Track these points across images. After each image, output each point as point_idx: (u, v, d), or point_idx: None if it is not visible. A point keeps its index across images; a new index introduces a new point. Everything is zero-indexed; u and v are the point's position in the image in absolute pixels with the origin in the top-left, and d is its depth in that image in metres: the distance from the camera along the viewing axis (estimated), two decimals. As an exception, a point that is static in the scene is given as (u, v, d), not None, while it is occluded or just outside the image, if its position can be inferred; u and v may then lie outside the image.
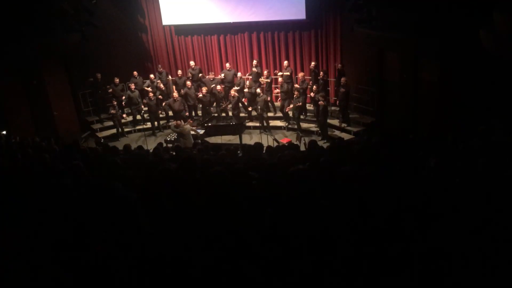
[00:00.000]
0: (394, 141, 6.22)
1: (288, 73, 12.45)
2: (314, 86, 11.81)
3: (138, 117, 13.24)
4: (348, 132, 11.62)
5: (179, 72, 13.54)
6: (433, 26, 8.68)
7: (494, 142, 4.63)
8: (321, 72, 12.26)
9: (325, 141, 11.12)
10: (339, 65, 12.36)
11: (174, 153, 7.98)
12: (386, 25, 9.91)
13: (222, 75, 13.31)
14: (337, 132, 11.76)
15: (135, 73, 13.42)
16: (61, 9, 10.77)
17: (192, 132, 11.00)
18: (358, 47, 11.79)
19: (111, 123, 13.07)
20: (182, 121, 10.98)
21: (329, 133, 11.63)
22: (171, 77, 13.93)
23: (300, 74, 12.45)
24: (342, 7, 11.92)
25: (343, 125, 11.88)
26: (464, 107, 8.85)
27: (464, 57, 8.45)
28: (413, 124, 10.32)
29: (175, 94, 12.50)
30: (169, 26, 14.14)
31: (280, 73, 12.61)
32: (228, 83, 13.01)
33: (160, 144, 9.98)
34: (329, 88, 12.67)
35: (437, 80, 9.63)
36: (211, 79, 13.02)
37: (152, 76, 13.41)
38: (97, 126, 13.26)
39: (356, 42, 11.65)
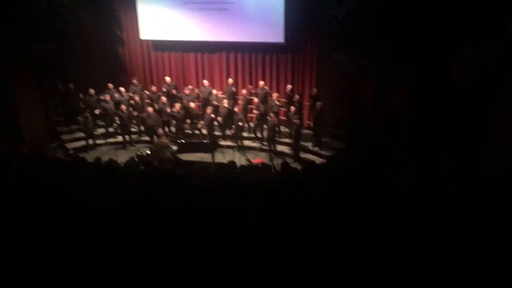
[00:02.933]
0: (364, 166, 6.30)
1: (264, 93, 12.57)
2: (292, 108, 11.94)
3: (111, 129, 13.02)
4: (320, 156, 11.73)
5: (153, 87, 13.47)
6: (405, 56, 8.97)
7: (461, 172, 4.76)
8: (296, 95, 12.43)
9: (297, 163, 11.18)
10: (314, 89, 12.55)
11: (144, 168, 7.86)
12: (361, 53, 10.17)
13: (196, 90, 13.31)
14: (309, 155, 11.85)
15: (110, 85, 13.26)
16: (35, 15, 10.56)
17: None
18: (333, 73, 12.03)
19: (81, 134, 12.79)
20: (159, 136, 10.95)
21: (301, 156, 11.72)
22: (146, 91, 13.82)
23: (275, 95, 12.56)
24: (320, 33, 12.17)
25: (316, 148, 12.00)
26: (432, 136, 9.11)
27: (434, 87, 8.74)
28: (383, 151, 10.52)
29: (150, 109, 12.41)
30: (147, 40, 14.09)
31: (254, 98, 12.73)
32: (204, 101, 13.01)
33: (131, 158, 9.81)
34: (303, 112, 12.82)
35: (407, 109, 9.90)
36: (187, 94, 12.99)
37: (122, 89, 13.27)
38: (67, 136, 12.95)
39: (332, 68, 11.89)
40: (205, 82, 13.39)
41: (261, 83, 12.94)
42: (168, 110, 12.66)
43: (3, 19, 9.96)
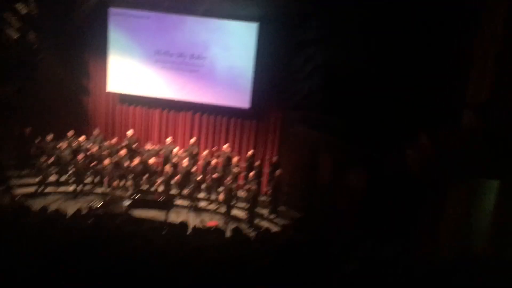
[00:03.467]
0: (316, 241, 6.29)
1: (226, 156, 12.64)
2: (251, 173, 11.99)
3: (63, 178, 12.60)
4: (275, 223, 11.66)
5: (114, 140, 13.32)
6: (364, 136, 9.28)
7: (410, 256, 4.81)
8: (257, 162, 12.55)
9: (252, 229, 11.05)
10: (275, 157, 12.74)
11: (93, 220, 7.54)
12: (322, 128, 10.48)
13: (157, 147, 13.27)
14: (264, 222, 11.77)
15: (70, 133, 13.03)
16: (3, 58, 10.47)
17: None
18: (295, 143, 12.30)
19: (31, 180, 12.29)
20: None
21: (257, 222, 11.61)
22: (106, 143, 13.58)
23: (235, 159, 12.63)
24: (285, 104, 12.57)
25: (272, 216, 11.95)
26: (386, 216, 9.24)
27: (389, 170, 8.99)
28: (337, 227, 10.56)
29: (107, 161, 12.18)
30: (114, 93, 14.09)
31: (214, 158, 12.76)
32: (165, 158, 12.91)
33: (79, 210, 9.44)
34: (262, 178, 12.89)
35: (362, 189, 10.09)
36: (147, 150, 12.87)
37: (82, 137, 13.05)
38: (15, 181, 12.38)
39: (294, 138, 12.16)
40: (168, 139, 13.36)
41: (225, 146, 13.03)
42: (126, 164, 12.45)
43: None
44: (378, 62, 9.16)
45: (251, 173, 12.08)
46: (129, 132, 13.40)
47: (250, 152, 12.95)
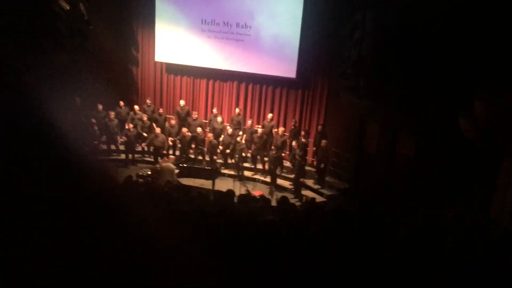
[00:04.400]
0: (365, 210, 6.20)
1: (271, 125, 12.61)
2: (294, 143, 11.92)
3: (113, 147, 13.03)
4: (321, 194, 11.60)
5: (161, 109, 13.56)
6: (414, 103, 8.95)
7: (464, 225, 4.65)
8: (302, 131, 12.43)
9: (297, 199, 11.06)
10: (320, 127, 12.56)
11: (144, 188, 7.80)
12: (371, 96, 10.20)
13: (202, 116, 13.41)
14: (310, 193, 11.74)
15: (121, 103, 13.35)
16: (56, 28, 10.77)
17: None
18: (342, 113, 12.05)
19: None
20: (165, 158, 10.93)
21: (302, 192, 11.60)
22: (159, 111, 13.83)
23: (281, 130, 12.58)
24: (333, 72, 12.28)
25: (317, 187, 11.89)
26: (437, 186, 8.98)
27: (441, 137, 8.69)
28: (386, 196, 10.40)
29: (158, 130, 12.41)
30: (161, 63, 14.28)
31: (260, 126, 12.73)
32: (211, 127, 13.05)
33: (129, 176, 9.75)
34: (308, 149, 12.79)
35: (413, 156, 9.83)
36: (194, 119, 13.03)
37: (136, 107, 13.35)
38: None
39: (341, 108, 11.92)
40: (214, 110, 13.47)
41: (270, 115, 12.98)
42: (179, 133, 12.69)
43: (27, 31, 10.14)
44: (429, 26, 8.73)
45: (297, 143, 11.99)
46: (182, 103, 13.57)
47: (295, 122, 12.84)
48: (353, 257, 3.12)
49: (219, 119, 13.00)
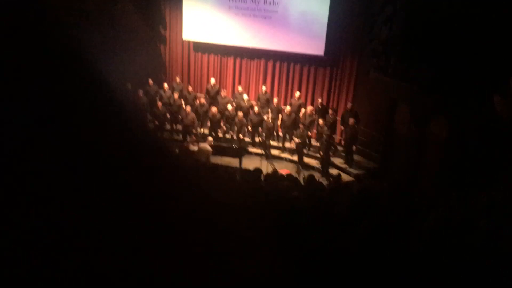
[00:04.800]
0: (394, 190, 6.12)
1: (298, 104, 12.52)
2: (321, 121, 11.80)
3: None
4: (349, 174, 11.52)
5: (190, 88, 13.60)
6: (448, 84, 8.69)
7: (498, 207, 4.53)
8: (330, 110, 12.27)
9: (324, 178, 11.01)
10: (349, 104, 12.34)
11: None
12: (402, 76, 9.95)
13: (230, 94, 13.40)
14: (338, 172, 11.65)
15: (150, 81, 13.45)
16: (86, 8, 10.87)
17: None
18: (371, 91, 11.83)
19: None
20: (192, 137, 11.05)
21: (329, 171, 11.54)
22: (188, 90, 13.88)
23: (309, 108, 12.45)
24: (362, 50, 12.02)
25: (345, 166, 11.80)
26: (470, 168, 8.77)
27: (475, 118, 8.42)
28: (416, 177, 10.23)
29: (188, 108, 12.43)
30: (188, 41, 14.27)
31: (287, 106, 12.63)
32: (237, 106, 13.01)
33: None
34: (336, 127, 12.65)
35: (444, 139, 9.59)
36: (223, 97, 13.03)
37: (166, 85, 13.42)
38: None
39: (370, 87, 11.69)
40: (239, 88, 13.42)
41: (297, 94, 12.87)
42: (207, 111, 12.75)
43: (52, 12, 10.26)
44: (464, 4, 8.39)
45: (324, 121, 11.87)
46: (213, 81, 13.57)
47: (323, 100, 12.69)
48: (379, 241, 3.09)
49: (245, 97, 12.95)
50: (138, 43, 13.87)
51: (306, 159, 12.18)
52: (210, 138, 11.25)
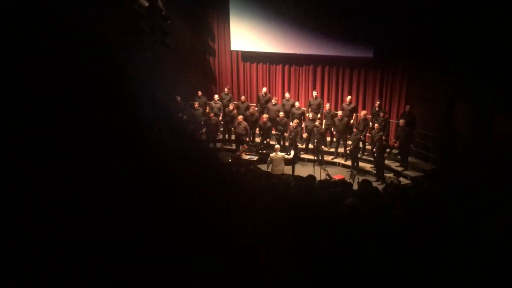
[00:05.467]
0: (455, 193, 5.84)
1: (350, 108, 12.32)
2: (376, 125, 11.50)
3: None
4: (405, 176, 11.15)
5: (242, 97, 13.74)
6: (509, 77, 8.25)
7: None
8: (381, 113, 11.92)
9: (379, 182, 10.72)
10: (408, 106, 11.90)
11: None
12: (460, 73, 9.53)
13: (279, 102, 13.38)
14: (393, 175, 11.31)
15: (200, 92, 13.71)
16: (139, 27, 11.21)
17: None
18: (427, 91, 11.41)
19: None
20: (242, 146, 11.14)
21: (385, 175, 11.22)
22: (234, 101, 14.04)
23: (363, 112, 12.19)
24: (413, 49, 11.63)
25: (401, 169, 11.44)
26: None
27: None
28: (479, 178, 9.72)
29: (240, 117, 12.53)
30: (236, 51, 14.45)
31: (339, 111, 12.42)
32: (286, 113, 12.92)
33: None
34: (390, 130, 12.30)
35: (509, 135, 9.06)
36: (274, 104, 13.02)
37: (216, 96, 13.64)
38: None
39: (425, 86, 11.29)
40: (287, 94, 13.38)
41: (348, 98, 12.65)
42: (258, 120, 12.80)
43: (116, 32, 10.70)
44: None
45: (377, 125, 11.56)
46: (264, 90, 13.66)
47: (377, 103, 12.38)
48: (441, 248, 2.95)
49: (297, 104, 12.87)
50: (188, 57, 14.23)
51: (361, 164, 11.92)
52: (277, 146, 11.11)
